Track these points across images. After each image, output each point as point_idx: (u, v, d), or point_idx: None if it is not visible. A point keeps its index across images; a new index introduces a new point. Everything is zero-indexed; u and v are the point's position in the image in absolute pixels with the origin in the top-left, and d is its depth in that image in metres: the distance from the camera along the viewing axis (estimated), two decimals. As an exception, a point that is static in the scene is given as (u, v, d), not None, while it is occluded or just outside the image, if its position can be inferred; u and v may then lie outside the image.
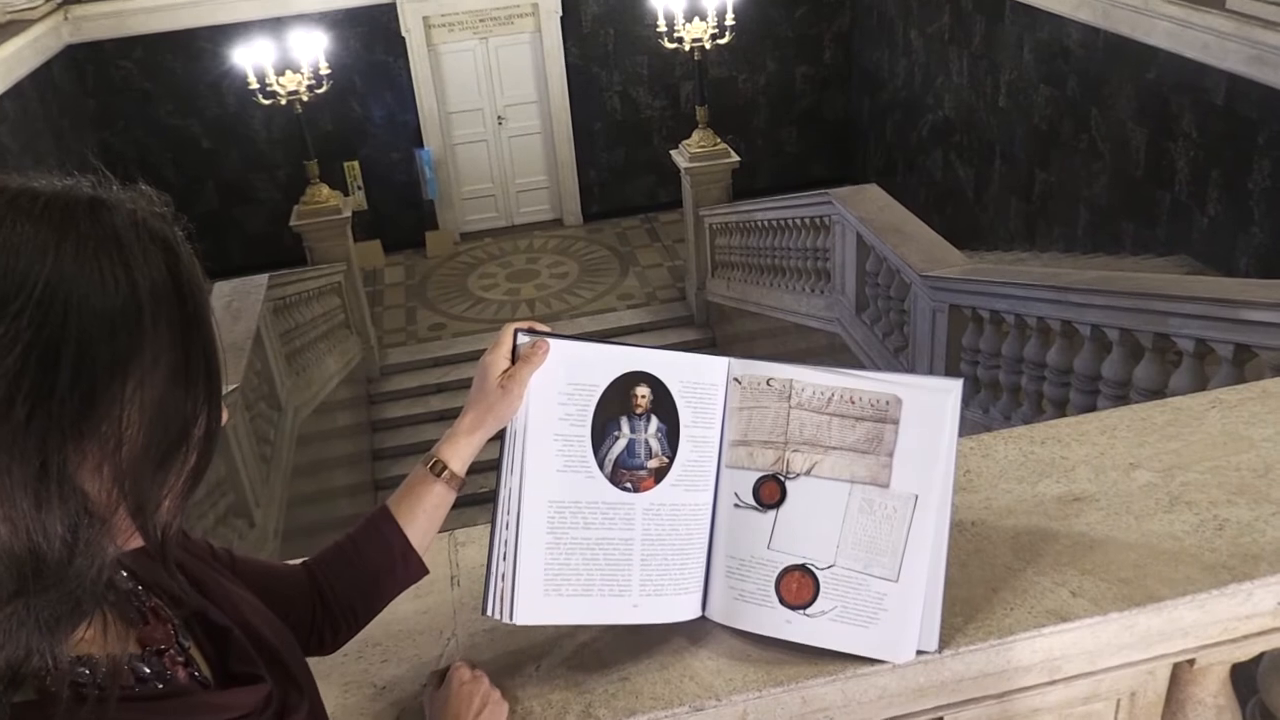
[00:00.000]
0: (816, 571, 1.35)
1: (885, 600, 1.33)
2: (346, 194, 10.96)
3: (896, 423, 1.33)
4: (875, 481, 1.34)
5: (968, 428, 4.01)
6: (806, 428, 1.36)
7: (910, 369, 5.99)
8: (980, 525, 1.57)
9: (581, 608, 1.34)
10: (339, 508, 8.25)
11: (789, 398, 1.37)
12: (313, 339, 8.56)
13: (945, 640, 1.36)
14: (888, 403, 1.34)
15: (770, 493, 1.37)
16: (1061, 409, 4.81)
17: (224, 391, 0.93)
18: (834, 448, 1.36)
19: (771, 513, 1.37)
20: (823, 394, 1.36)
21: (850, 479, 1.35)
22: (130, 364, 0.80)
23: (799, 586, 1.35)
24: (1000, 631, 1.38)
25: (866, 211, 6.66)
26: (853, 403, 1.35)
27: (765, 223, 8.48)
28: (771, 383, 1.38)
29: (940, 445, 1.32)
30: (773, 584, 1.36)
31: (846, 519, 1.35)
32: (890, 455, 1.34)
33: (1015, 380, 5.25)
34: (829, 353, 7.38)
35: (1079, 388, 4.71)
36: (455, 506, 1.39)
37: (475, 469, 1.36)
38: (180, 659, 0.97)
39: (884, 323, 6.64)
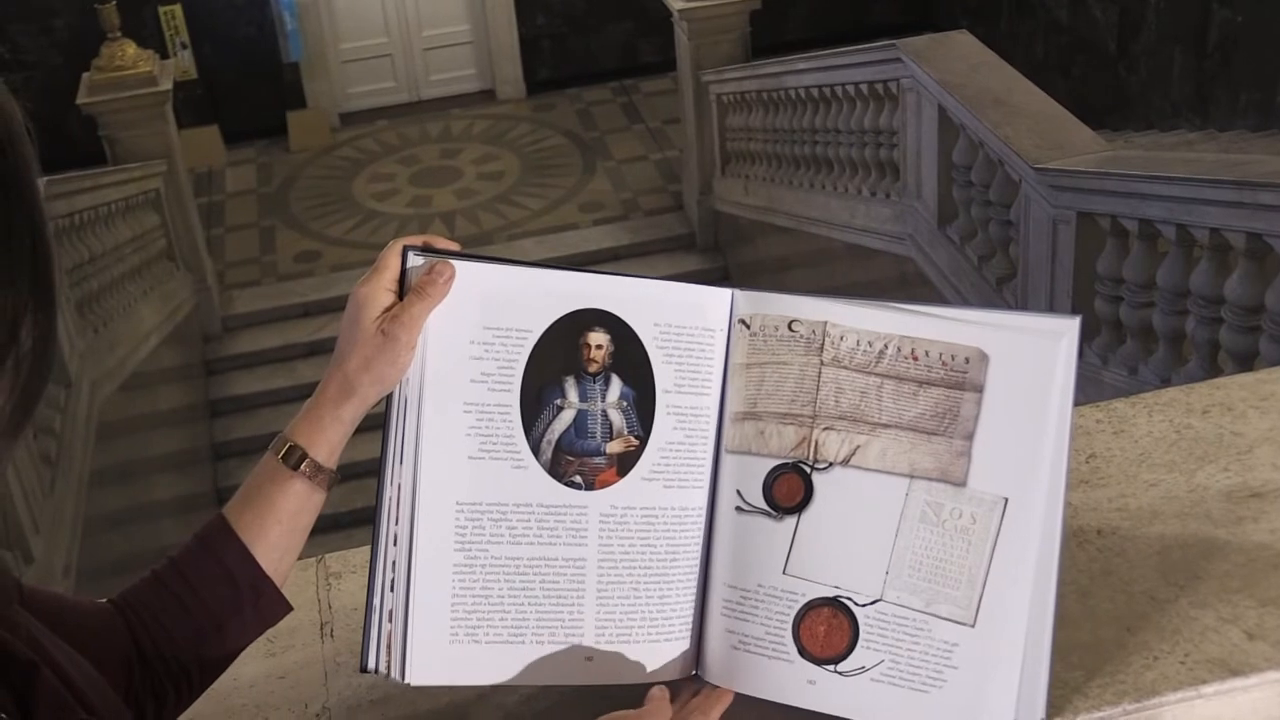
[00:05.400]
0: (855, 609, 1.37)
1: (956, 653, 1.35)
2: (165, 56, 10.85)
3: (980, 390, 1.35)
4: (946, 477, 1.36)
5: (1106, 394, 3.93)
6: (846, 395, 1.38)
7: (1019, 308, 6.01)
8: (1111, 535, 1.59)
9: (509, 660, 1.36)
10: (163, 532, 8.26)
11: (821, 349, 1.38)
12: (117, 278, 8.52)
13: (1058, 705, 1.38)
14: (967, 360, 1.35)
15: (790, 491, 1.38)
16: (1246, 365, 4.84)
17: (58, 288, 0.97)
18: (886, 425, 1.37)
19: (790, 520, 1.38)
20: (871, 345, 1.37)
21: (909, 472, 1.36)
22: None
23: (829, 630, 1.37)
24: (1140, 691, 1.40)
25: (953, 73, 6.64)
26: (915, 359, 1.36)
27: (801, 92, 8.45)
28: (796, 327, 1.39)
29: (1048, 418, 1.33)
30: (789, 626, 1.38)
31: (901, 532, 1.36)
32: (969, 439, 1.35)
33: (1176, 324, 5.27)
34: (899, 287, 7.39)
35: (1274, 334, 4.73)
36: (322, 529, 1.40)
37: (354, 470, 1.37)
38: None
39: (980, 240, 6.65)
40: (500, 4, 12.70)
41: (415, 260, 1.35)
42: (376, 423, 1.36)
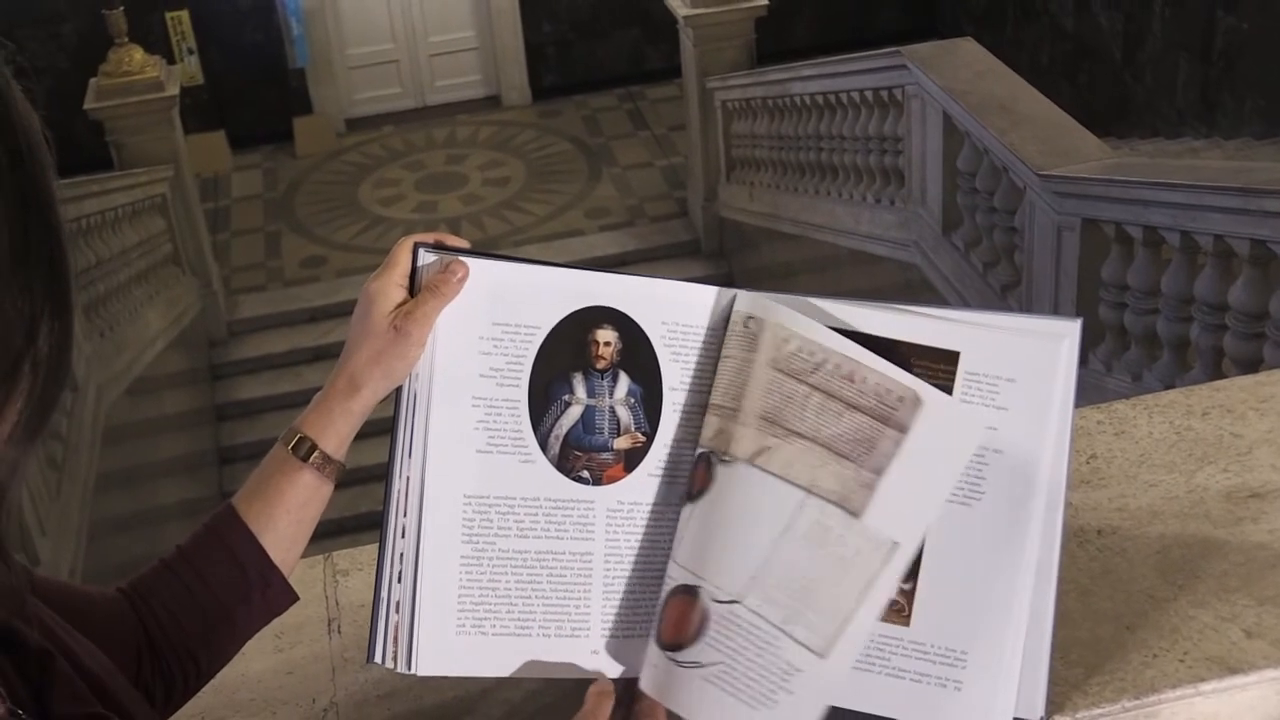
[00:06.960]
0: (709, 603, 1.34)
1: (796, 678, 1.31)
2: (172, 61, 10.88)
3: (903, 431, 1.33)
4: (844, 503, 1.33)
5: (1109, 400, 3.96)
6: (772, 396, 1.36)
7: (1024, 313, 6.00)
8: (1111, 534, 1.61)
9: (515, 653, 1.37)
10: (169, 536, 8.22)
11: (760, 347, 1.37)
12: (123, 282, 8.53)
13: (1058, 703, 1.39)
14: (900, 399, 1.33)
15: (694, 479, 1.38)
16: (1250, 371, 4.84)
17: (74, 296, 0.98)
18: (801, 435, 1.35)
19: (688, 508, 1.38)
20: (812, 355, 1.36)
21: (807, 486, 1.34)
22: None
23: (679, 617, 1.35)
24: (1139, 689, 1.41)
25: (959, 80, 6.65)
26: (851, 380, 1.34)
27: (806, 99, 8.46)
28: (750, 324, 1.39)
29: (1049, 419, 1.34)
30: (659, 607, 1.37)
31: (782, 542, 1.34)
32: (877, 473, 1.33)
33: (1180, 330, 5.27)
34: (905, 293, 7.39)
35: (1278, 340, 4.73)
36: (329, 533, 1.41)
37: (360, 475, 1.38)
38: None
39: (985, 247, 6.65)
40: (506, 10, 12.72)
41: (427, 257, 1.36)
42: (381, 428, 1.37)
